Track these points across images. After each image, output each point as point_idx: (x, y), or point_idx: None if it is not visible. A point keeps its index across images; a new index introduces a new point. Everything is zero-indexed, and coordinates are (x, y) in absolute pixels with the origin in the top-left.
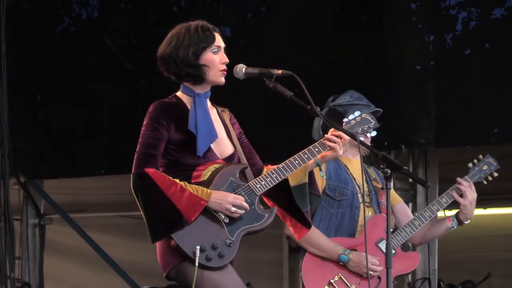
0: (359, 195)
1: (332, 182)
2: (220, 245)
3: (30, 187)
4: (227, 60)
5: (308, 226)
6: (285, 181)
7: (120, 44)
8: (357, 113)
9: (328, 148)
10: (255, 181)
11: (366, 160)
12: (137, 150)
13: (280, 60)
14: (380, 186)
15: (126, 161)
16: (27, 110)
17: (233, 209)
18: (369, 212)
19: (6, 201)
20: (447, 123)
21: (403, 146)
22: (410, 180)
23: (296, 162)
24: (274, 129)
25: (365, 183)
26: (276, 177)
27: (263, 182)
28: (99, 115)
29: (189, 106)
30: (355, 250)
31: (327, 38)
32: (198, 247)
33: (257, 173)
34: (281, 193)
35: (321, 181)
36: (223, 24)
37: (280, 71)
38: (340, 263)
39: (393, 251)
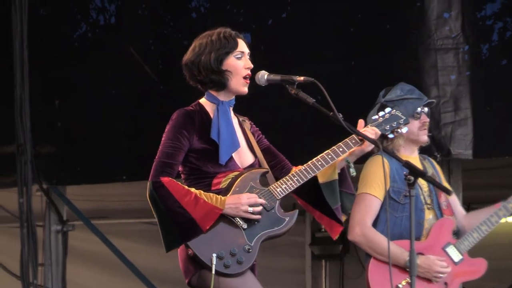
0: (422, 197)
1: (396, 185)
2: (239, 251)
3: (52, 193)
4: (251, 65)
5: (340, 223)
6: (314, 178)
7: (137, 50)
8: (387, 110)
9: (353, 146)
10: (275, 185)
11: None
12: (156, 158)
13: (302, 66)
14: None
15: (147, 167)
16: (46, 117)
17: (250, 209)
18: (430, 215)
19: (28, 207)
20: (484, 133)
21: (438, 156)
22: None
23: (319, 163)
24: (297, 135)
25: (425, 183)
26: (297, 179)
27: (283, 186)
28: (118, 121)
29: (212, 114)
30: (422, 254)
31: (350, 45)
32: (214, 255)
33: (285, 174)
34: (310, 191)
35: (384, 184)
36: (243, 30)
37: (302, 78)
38: (407, 269)
39: (461, 257)
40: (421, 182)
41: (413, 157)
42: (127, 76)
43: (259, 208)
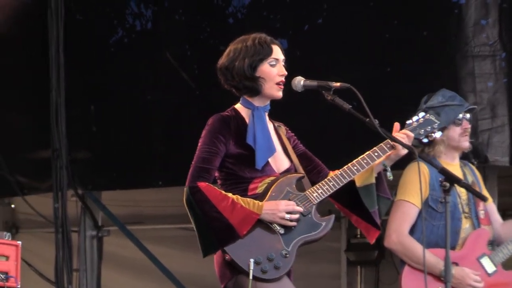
0: (460, 206)
1: (435, 193)
2: (276, 256)
3: (88, 198)
4: (285, 73)
5: (377, 227)
6: (351, 182)
7: (174, 55)
8: (421, 115)
9: (388, 151)
10: (311, 190)
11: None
12: (192, 163)
13: (338, 72)
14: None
15: (183, 173)
16: (81, 122)
17: (287, 216)
18: (467, 224)
19: (64, 212)
20: None
21: (475, 162)
22: None
23: (355, 168)
24: (333, 140)
25: (464, 191)
26: (333, 184)
27: (319, 191)
28: (155, 126)
29: (247, 120)
30: (456, 264)
31: (386, 51)
32: (252, 260)
33: (323, 178)
34: (347, 194)
35: (423, 191)
36: (280, 36)
37: (338, 84)
38: (441, 278)
39: (495, 268)
40: (460, 190)
41: (454, 164)
42: (163, 81)
43: (296, 216)
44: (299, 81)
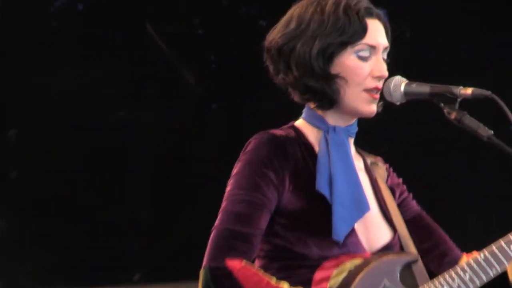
0: None
1: None
2: None
3: None
4: (385, 73)
5: None
6: (503, 276)
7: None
8: None
9: None
10: (429, 286)
11: None
12: (217, 222)
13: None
14: None
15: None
16: None
17: None
18: None
19: None
20: None
21: None
22: None
23: (505, 253)
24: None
25: None
26: (470, 278)
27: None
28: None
29: (316, 148)
30: None
31: None
32: None
33: (449, 266)
34: None
35: None
36: None
37: (469, 91)
38: None
39: None
40: None
41: None
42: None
43: None
44: (398, 84)
